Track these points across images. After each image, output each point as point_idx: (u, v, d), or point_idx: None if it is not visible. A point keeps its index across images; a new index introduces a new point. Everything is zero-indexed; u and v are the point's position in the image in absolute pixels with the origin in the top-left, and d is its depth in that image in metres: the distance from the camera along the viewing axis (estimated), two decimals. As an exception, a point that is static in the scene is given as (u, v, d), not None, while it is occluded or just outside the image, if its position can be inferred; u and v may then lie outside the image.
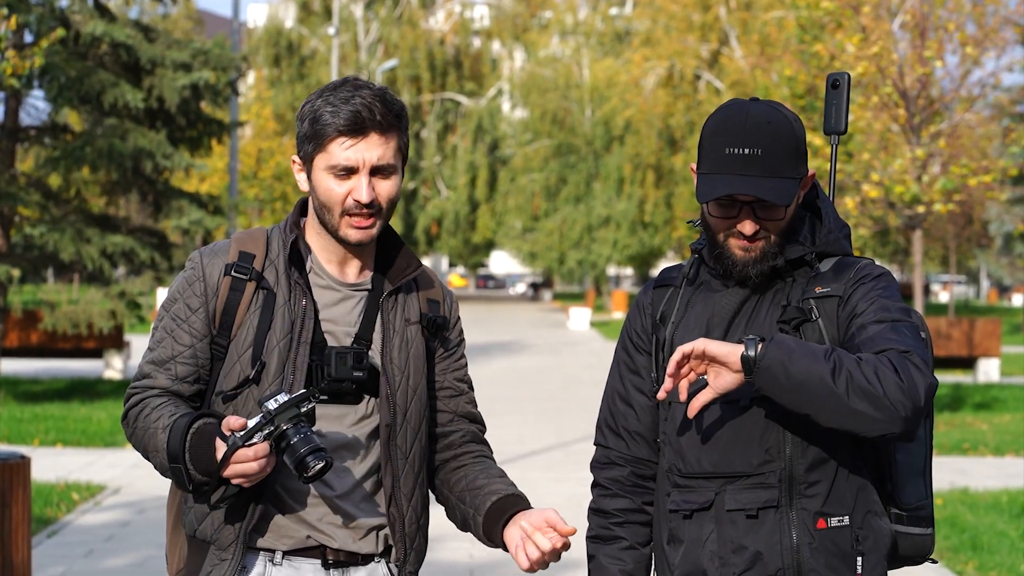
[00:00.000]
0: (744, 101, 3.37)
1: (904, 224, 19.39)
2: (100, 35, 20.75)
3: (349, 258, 3.51)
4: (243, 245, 3.49)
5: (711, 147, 3.33)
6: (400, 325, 3.52)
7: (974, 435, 17.25)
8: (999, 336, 25.67)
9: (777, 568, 3.29)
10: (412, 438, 3.51)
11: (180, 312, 3.47)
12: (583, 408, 20.06)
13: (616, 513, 3.52)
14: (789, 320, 3.31)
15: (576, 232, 57.59)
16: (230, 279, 3.44)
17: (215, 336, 3.44)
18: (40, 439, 15.95)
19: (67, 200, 21.73)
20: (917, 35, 18.85)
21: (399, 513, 3.49)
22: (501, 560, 9.85)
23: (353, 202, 3.40)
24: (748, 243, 3.33)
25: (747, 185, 3.26)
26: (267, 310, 3.42)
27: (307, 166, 3.46)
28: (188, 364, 3.45)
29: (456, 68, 67.98)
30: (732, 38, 52.32)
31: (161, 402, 3.43)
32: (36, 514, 11.09)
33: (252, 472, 3.26)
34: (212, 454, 3.27)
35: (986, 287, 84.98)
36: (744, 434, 3.32)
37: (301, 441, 3.23)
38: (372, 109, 3.39)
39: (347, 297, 3.50)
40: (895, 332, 3.21)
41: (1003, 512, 11.79)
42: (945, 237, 47.79)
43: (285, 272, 3.46)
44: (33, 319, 22.90)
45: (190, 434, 3.32)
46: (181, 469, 3.32)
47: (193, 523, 3.44)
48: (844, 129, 3.75)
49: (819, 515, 3.29)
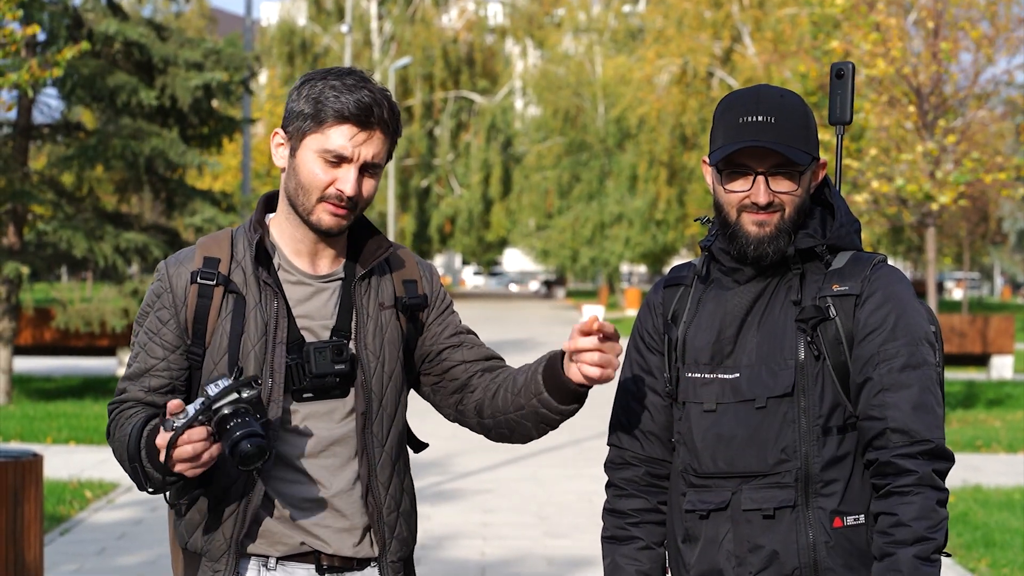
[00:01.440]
0: (755, 85, 3.41)
1: (917, 221, 19.35)
2: (113, 34, 20.77)
3: (320, 248, 3.45)
4: (207, 250, 3.42)
5: (724, 121, 3.35)
6: (374, 310, 3.46)
7: (987, 432, 17.23)
8: (1013, 333, 25.62)
9: (794, 567, 3.29)
10: (388, 425, 3.45)
11: (152, 325, 3.42)
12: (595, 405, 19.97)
13: (631, 513, 3.51)
14: (807, 319, 3.30)
15: (589, 229, 57.54)
16: (197, 287, 3.37)
17: (190, 346, 3.39)
18: (53, 437, 15.98)
19: (80, 198, 21.76)
20: (931, 33, 18.81)
21: (376, 502, 3.42)
22: (512, 558, 9.86)
23: (335, 192, 3.35)
24: (763, 215, 3.32)
25: (765, 143, 3.27)
26: (238, 314, 3.36)
27: (295, 143, 3.39)
28: (161, 376, 3.40)
29: (469, 66, 67.95)
30: (745, 35, 52.21)
31: (133, 412, 3.39)
32: (49, 512, 11.11)
33: (187, 456, 3.17)
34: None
35: (1000, 284, 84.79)
36: (760, 434, 3.31)
37: (237, 426, 3.16)
38: (381, 106, 3.36)
39: (320, 290, 3.44)
40: (919, 413, 3.25)
41: (1016, 509, 11.77)
42: (959, 234, 47.68)
43: (253, 273, 3.39)
44: (46, 317, 22.95)
45: (145, 432, 3.28)
46: (138, 467, 3.27)
47: (184, 535, 3.40)
48: (849, 119, 3.74)
49: (835, 514, 3.29)
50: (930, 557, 3.21)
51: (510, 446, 15.63)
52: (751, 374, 3.33)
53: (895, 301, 3.31)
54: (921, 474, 3.22)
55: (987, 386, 23.33)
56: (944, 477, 3.26)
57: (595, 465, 13.69)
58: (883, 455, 3.25)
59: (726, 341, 3.37)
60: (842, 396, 3.30)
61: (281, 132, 3.42)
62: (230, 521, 3.34)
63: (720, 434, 3.34)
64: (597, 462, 13.12)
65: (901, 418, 3.24)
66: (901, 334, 3.29)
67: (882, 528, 3.24)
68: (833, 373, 3.30)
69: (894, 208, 19.22)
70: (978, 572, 9.56)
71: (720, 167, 3.35)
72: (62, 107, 23.19)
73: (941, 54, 18.26)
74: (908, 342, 3.28)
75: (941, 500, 3.23)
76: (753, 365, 3.33)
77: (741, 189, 3.33)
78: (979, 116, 20.70)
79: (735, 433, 3.33)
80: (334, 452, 3.40)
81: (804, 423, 3.30)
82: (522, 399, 3.39)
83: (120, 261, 20.79)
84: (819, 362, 3.31)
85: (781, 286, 3.38)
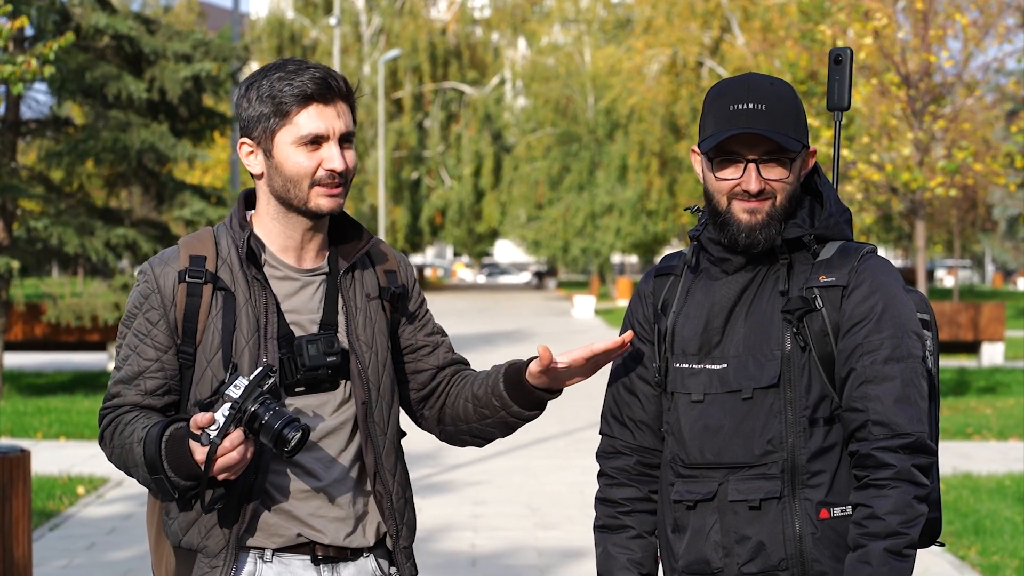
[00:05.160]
0: (744, 73, 3.40)
1: (907, 209, 19.36)
2: (103, 27, 20.74)
3: (305, 242, 3.46)
4: (192, 249, 3.42)
5: (715, 109, 3.34)
6: (362, 302, 3.49)
7: (978, 419, 17.25)
8: (1003, 320, 25.63)
9: (780, 559, 3.29)
10: (387, 412, 3.50)
11: (141, 327, 3.40)
12: (587, 396, 19.97)
13: (623, 502, 3.51)
14: (793, 311, 3.29)
15: (580, 220, 57.54)
16: (185, 285, 3.37)
17: (180, 345, 3.38)
18: (43, 432, 15.96)
19: (70, 193, 21.73)
20: (920, 20, 18.81)
21: (385, 489, 3.47)
22: (503, 550, 9.85)
23: (325, 172, 3.36)
24: (755, 203, 3.30)
25: (757, 130, 3.27)
26: (229, 311, 3.37)
27: (266, 144, 3.39)
28: (156, 378, 3.39)
29: (458, 58, 67.91)
30: (734, 24, 52.22)
31: (133, 416, 3.38)
32: (38, 507, 11.10)
33: (234, 462, 3.21)
34: (189, 456, 3.22)
35: (991, 271, 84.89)
36: (746, 425, 3.31)
37: (273, 417, 3.19)
38: (334, 77, 3.37)
39: (306, 284, 3.46)
40: (901, 405, 3.24)
41: (1006, 496, 11.78)
42: (949, 222, 47.72)
43: (241, 269, 3.40)
44: (36, 312, 22.92)
45: (164, 441, 3.26)
46: (163, 479, 3.27)
47: (178, 533, 3.39)
48: (847, 105, 3.72)
49: (822, 505, 3.28)
50: (902, 552, 3.19)
51: (500, 439, 15.53)
52: (738, 365, 3.32)
53: (882, 292, 3.30)
54: (899, 468, 3.20)
55: (978, 373, 23.36)
56: (926, 471, 3.24)
57: (586, 456, 13.69)
58: (863, 447, 3.24)
59: (714, 331, 3.36)
60: (829, 388, 3.29)
61: (247, 140, 3.42)
62: (229, 517, 3.34)
63: (707, 425, 3.34)
64: (588, 453, 13.12)
65: (882, 411, 3.23)
66: (886, 326, 3.27)
67: (857, 519, 3.23)
68: (819, 364, 3.29)
69: (884, 196, 19.22)
70: (968, 560, 9.56)
71: (711, 155, 3.34)
72: (51, 102, 23.14)
73: (930, 38, 18.26)
74: (893, 334, 3.27)
75: (919, 495, 3.21)
76: (740, 356, 3.33)
77: (732, 177, 3.32)
78: (968, 104, 20.71)
79: (722, 424, 3.32)
80: (327, 444, 3.42)
81: (790, 414, 3.29)
82: (487, 411, 3.57)
83: (111, 256, 20.77)
84: (805, 353, 3.29)
85: (769, 276, 3.37)
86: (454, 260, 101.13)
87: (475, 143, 65.74)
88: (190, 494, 3.29)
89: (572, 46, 60.84)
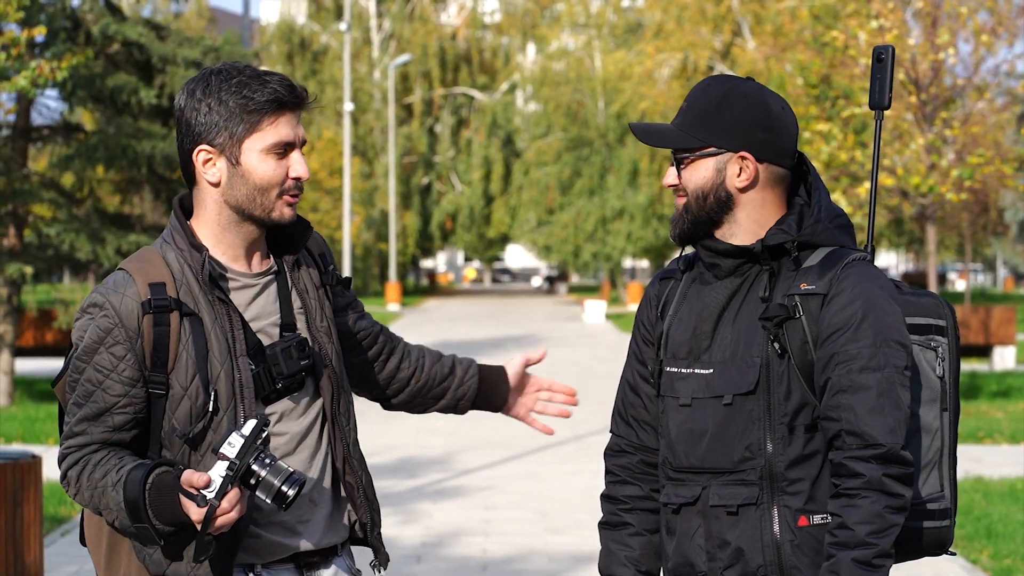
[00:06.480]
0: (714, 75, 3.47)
1: (917, 213, 19.34)
2: (113, 34, 20.79)
3: (253, 246, 3.40)
4: (148, 276, 3.29)
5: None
6: (313, 293, 3.48)
7: (990, 423, 17.22)
8: (1015, 324, 25.60)
9: (758, 565, 3.30)
10: (349, 400, 3.52)
11: (104, 362, 3.25)
12: (597, 401, 19.99)
13: (625, 499, 3.55)
14: (772, 317, 3.28)
15: (591, 225, 57.52)
16: (152, 316, 3.25)
17: (150, 375, 3.26)
18: (54, 438, 15.98)
19: (81, 199, 21.77)
20: (930, 23, 18.79)
21: (356, 480, 3.48)
22: (514, 555, 9.85)
23: (293, 181, 3.34)
24: (679, 198, 3.42)
25: (644, 125, 3.43)
26: (199, 336, 3.27)
27: (231, 152, 3.31)
28: (125, 413, 3.27)
29: (468, 63, 67.99)
30: (745, 29, 52.21)
31: (102, 457, 3.28)
32: (50, 513, 11.11)
33: (232, 520, 3.16)
34: (176, 507, 3.15)
35: (1003, 275, 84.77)
36: (726, 430, 3.32)
37: (271, 472, 3.16)
38: (296, 84, 3.35)
39: (262, 288, 3.41)
40: (874, 415, 3.21)
41: (1018, 500, 11.76)
42: (960, 225, 47.66)
43: (202, 291, 3.30)
44: (48, 318, 22.94)
45: (147, 490, 3.18)
46: (147, 528, 3.19)
47: (160, 563, 3.29)
48: (887, 104, 3.64)
49: (801, 512, 3.29)
50: (871, 562, 3.17)
51: (510, 444, 15.70)
52: (722, 370, 3.33)
53: (863, 300, 3.26)
54: (869, 478, 3.18)
55: (990, 377, 23.31)
56: (902, 481, 3.21)
57: (596, 460, 13.66)
58: (837, 456, 3.24)
59: (702, 336, 3.37)
60: (810, 395, 3.29)
61: (206, 147, 3.31)
62: (220, 548, 3.28)
63: (692, 429, 3.36)
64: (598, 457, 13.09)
65: (855, 420, 3.21)
66: (864, 335, 3.24)
67: (830, 528, 3.23)
68: (800, 372, 3.28)
69: (895, 200, 19.20)
70: (980, 563, 9.55)
71: None
72: (62, 108, 23.19)
73: (939, 41, 18.24)
74: (872, 343, 3.24)
75: (892, 505, 3.19)
76: (725, 361, 3.34)
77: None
78: (979, 107, 20.68)
79: (705, 428, 3.34)
80: (305, 445, 3.42)
81: (768, 421, 3.29)
82: (447, 400, 3.91)
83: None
84: (784, 360, 3.28)
85: (757, 282, 3.36)
86: (465, 265, 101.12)
87: (485, 148, 65.79)
88: (174, 540, 3.22)
89: (582, 51, 60.84)
